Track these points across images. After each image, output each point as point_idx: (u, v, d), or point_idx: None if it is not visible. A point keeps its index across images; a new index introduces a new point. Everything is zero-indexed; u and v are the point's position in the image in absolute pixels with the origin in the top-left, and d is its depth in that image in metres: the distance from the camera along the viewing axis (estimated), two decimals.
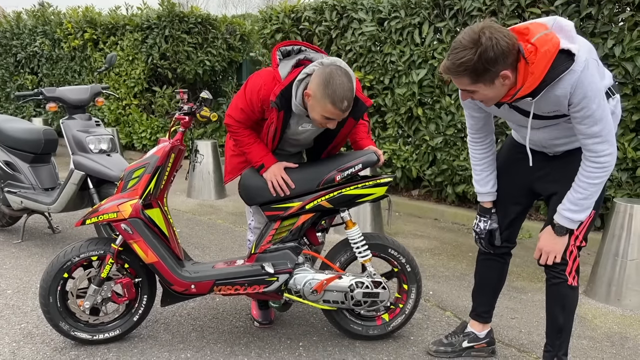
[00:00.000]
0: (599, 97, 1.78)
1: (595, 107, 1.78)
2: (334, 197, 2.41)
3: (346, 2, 5.29)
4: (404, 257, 2.57)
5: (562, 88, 1.78)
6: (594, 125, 1.81)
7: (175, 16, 7.21)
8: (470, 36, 1.72)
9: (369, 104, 2.36)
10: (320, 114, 2.16)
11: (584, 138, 1.87)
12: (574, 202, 1.96)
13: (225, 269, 2.43)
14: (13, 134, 3.89)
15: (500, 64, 1.73)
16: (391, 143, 5.23)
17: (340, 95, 2.08)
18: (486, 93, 1.84)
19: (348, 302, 2.46)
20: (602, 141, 1.84)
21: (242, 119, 2.36)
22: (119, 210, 2.33)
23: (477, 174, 2.32)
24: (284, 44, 2.33)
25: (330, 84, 2.07)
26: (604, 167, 1.87)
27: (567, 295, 2.11)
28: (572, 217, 1.98)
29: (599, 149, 1.85)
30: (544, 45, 1.73)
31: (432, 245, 4.24)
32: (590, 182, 1.91)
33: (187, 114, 2.45)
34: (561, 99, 1.81)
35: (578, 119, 1.83)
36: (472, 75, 1.76)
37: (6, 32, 9.70)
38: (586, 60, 1.75)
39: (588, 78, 1.75)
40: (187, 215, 4.99)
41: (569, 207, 1.98)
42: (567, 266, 2.08)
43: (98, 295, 2.41)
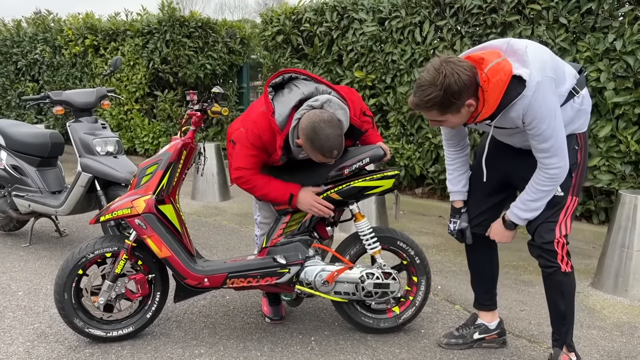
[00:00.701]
0: (550, 117, 1.92)
1: (544, 127, 1.93)
2: (343, 190, 2.44)
3: (347, 3, 5.33)
4: (413, 249, 2.60)
5: (515, 111, 1.95)
6: (543, 142, 1.97)
7: (175, 21, 7.25)
8: (433, 75, 1.87)
9: (364, 128, 2.41)
10: (314, 158, 2.22)
11: (535, 152, 2.03)
12: (524, 202, 2.13)
13: (237, 262, 2.46)
14: (20, 138, 3.92)
15: (464, 95, 1.89)
16: (394, 141, 5.26)
17: (327, 149, 2.12)
18: (454, 120, 2.01)
19: (359, 293, 2.48)
20: (551, 156, 1.99)
21: (253, 165, 2.34)
22: (133, 205, 2.35)
23: (449, 173, 2.44)
24: (274, 78, 2.27)
25: (315, 139, 2.10)
26: (553, 178, 2.04)
27: (563, 282, 2.17)
28: (520, 215, 2.15)
29: (547, 162, 2.01)
30: (495, 75, 1.89)
31: (437, 242, 4.26)
32: (539, 189, 2.07)
33: (198, 110, 2.48)
34: (515, 120, 1.98)
35: (530, 135, 2.00)
36: (440, 108, 1.93)
37: (6, 40, 9.74)
38: (537, 84, 1.89)
39: (538, 100, 1.90)
40: (193, 217, 5.01)
41: (518, 206, 2.15)
42: (558, 254, 2.14)
43: (112, 291, 2.42)
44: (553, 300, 2.22)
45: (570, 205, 2.14)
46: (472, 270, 2.57)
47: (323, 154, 2.14)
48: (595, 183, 4.07)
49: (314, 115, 2.12)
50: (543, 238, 2.13)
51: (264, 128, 2.26)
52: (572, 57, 4.03)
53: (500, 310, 2.92)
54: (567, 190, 2.13)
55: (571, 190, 2.14)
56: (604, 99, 3.94)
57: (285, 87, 2.29)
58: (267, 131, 2.26)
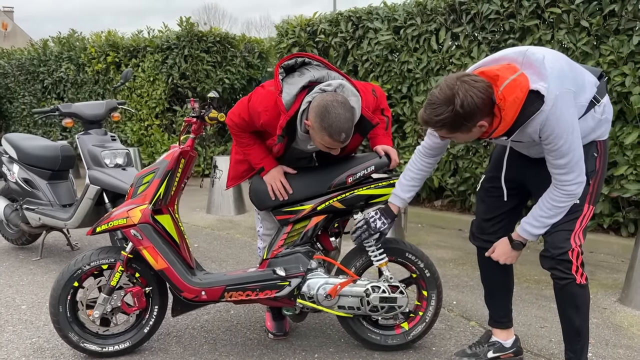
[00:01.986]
0: (567, 132, 1.81)
1: (562, 143, 1.83)
2: (346, 198, 2.33)
3: (361, 12, 5.26)
4: (423, 261, 2.46)
5: (532, 126, 1.86)
6: (560, 158, 1.87)
7: (194, 36, 7.30)
8: (446, 94, 1.78)
9: (374, 122, 2.27)
10: (320, 143, 2.12)
11: (551, 167, 1.92)
12: (537, 219, 2.01)
13: (236, 274, 2.36)
14: (31, 151, 3.93)
15: (476, 117, 1.81)
16: (411, 152, 5.12)
17: (336, 129, 2.02)
18: (463, 138, 1.94)
19: (364, 308, 2.35)
20: (568, 172, 1.88)
21: (242, 126, 2.32)
22: (129, 216, 2.29)
23: (406, 179, 2.29)
24: (286, 59, 2.20)
25: (326, 117, 2.01)
26: (569, 195, 1.93)
27: (578, 295, 2.01)
28: (532, 232, 2.03)
29: (564, 179, 1.90)
30: (512, 93, 1.79)
31: (455, 256, 4.09)
32: (554, 205, 1.96)
33: (195, 117, 2.41)
34: (532, 134, 1.89)
35: (546, 150, 1.90)
36: (450, 128, 1.85)
37: (34, 59, 9.98)
38: (555, 97, 1.79)
39: (556, 115, 1.80)
40: (206, 230, 4.95)
41: (531, 222, 2.02)
42: (573, 265, 1.98)
43: (108, 304, 2.35)
44: (567, 315, 2.07)
45: (586, 215, 2.01)
46: (485, 285, 2.43)
47: (330, 135, 2.03)
48: (622, 193, 3.85)
49: (328, 95, 2.06)
50: (557, 247, 1.98)
51: (267, 106, 2.17)
52: (595, 61, 3.85)
53: (519, 326, 2.75)
54: (584, 198, 1.99)
55: (588, 198, 2.00)
56: (630, 105, 3.74)
57: (297, 70, 2.22)
58: (270, 110, 2.17)
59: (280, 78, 2.17)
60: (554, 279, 2.04)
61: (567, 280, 2.00)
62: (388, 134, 2.51)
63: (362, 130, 2.27)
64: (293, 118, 2.14)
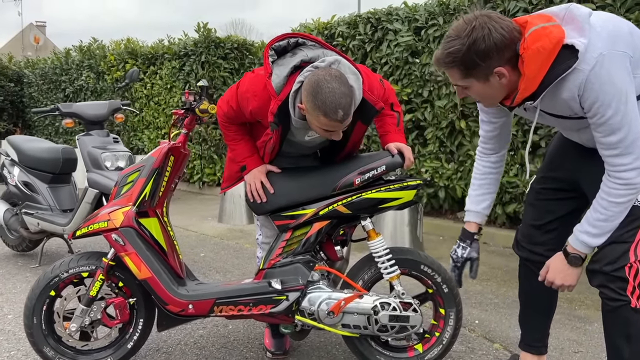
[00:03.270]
0: (618, 101, 1.47)
1: (610, 114, 1.48)
2: (352, 202, 2.06)
3: (381, 14, 5.02)
4: (440, 275, 2.18)
5: (567, 90, 1.52)
6: (611, 134, 1.52)
7: (211, 42, 7.17)
8: (462, 25, 1.52)
9: (378, 106, 1.99)
10: (318, 127, 1.85)
11: (602, 149, 1.57)
12: (593, 223, 1.62)
13: (227, 286, 2.11)
14: (32, 153, 3.77)
15: (493, 58, 1.51)
16: (432, 160, 4.83)
17: (331, 106, 1.75)
18: (480, 91, 1.61)
19: (372, 327, 2.07)
20: (623, 153, 1.52)
21: (231, 117, 2.10)
22: (110, 218, 2.07)
23: (473, 189, 2.03)
24: (277, 39, 1.95)
25: (318, 94, 1.75)
26: (628, 184, 1.54)
27: (632, 322, 1.63)
28: (588, 242, 1.64)
29: (617, 162, 1.54)
30: (536, 41, 1.48)
31: (479, 271, 3.76)
32: (612, 201, 1.57)
33: (185, 109, 2.19)
34: (570, 102, 1.55)
35: (593, 125, 1.55)
36: (462, 68, 1.56)
37: (56, 68, 10.03)
38: (600, 56, 1.45)
39: (601, 78, 1.46)
40: (215, 239, 4.72)
41: (586, 230, 1.64)
42: (629, 284, 1.62)
43: (86, 316, 2.12)
44: (614, 344, 1.69)
45: None
46: (522, 301, 2.09)
47: (326, 114, 1.76)
48: None
49: (321, 71, 1.80)
50: (611, 261, 1.63)
51: (256, 91, 1.94)
52: None
53: (549, 350, 2.42)
54: None
55: None
56: None
57: (289, 52, 1.97)
58: (260, 94, 1.93)
59: (270, 61, 1.93)
60: (604, 299, 1.69)
61: (619, 302, 1.63)
62: (400, 130, 2.24)
63: (364, 117, 2.00)
64: (285, 102, 1.88)
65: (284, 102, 1.88)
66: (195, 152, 7.61)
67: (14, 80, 11.23)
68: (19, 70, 11.38)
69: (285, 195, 2.11)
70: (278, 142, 2.03)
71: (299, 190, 2.10)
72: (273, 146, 2.05)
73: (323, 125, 1.82)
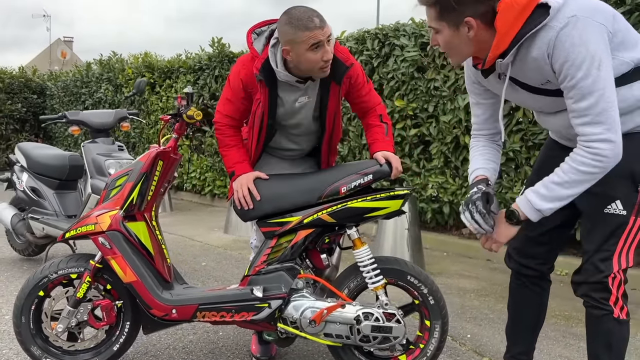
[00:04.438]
0: (589, 64, 1.42)
1: (580, 76, 1.43)
2: (337, 211, 2.07)
3: (388, 30, 5.06)
4: (426, 286, 2.16)
5: (537, 48, 1.49)
6: (580, 100, 1.46)
7: (225, 56, 7.28)
8: None
9: (349, 63, 2.12)
10: (305, 49, 1.94)
11: (572, 116, 1.51)
12: (546, 184, 1.56)
13: (211, 292, 2.13)
14: (40, 160, 3.87)
15: (467, 5, 1.51)
16: (437, 175, 4.81)
17: (305, 16, 1.92)
18: (448, 39, 1.60)
19: (354, 337, 2.06)
20: (592, 122, 1.46)
21: (230, 112, 2.17)
22: (97, 222, 2.11)
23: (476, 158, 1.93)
24: (257, 26, 2.16)
25: (291, 18, 1.94)
26: (597, 154, 1.47)
27: (614, 332, 1.63)
28: (534, 202, 1.57)
29: (587, 130, 1.48)
30: None
31: (479, 286, 3.72)
32: (574, 167, 1.51)
33: (172, 115, 2.24)
34: (541, 63, 1.51)
35: (565, 90, 1.50)
36: (438, 8, 1.56)
37: (77, 81, 10.29)
38: (574, 18, 1.43)
39: (572, 38, 1.43)
40: (218, 250, 4.75)
41: (537, 189, 1.57)
42: (612, 295, 1.61)
43: (73, 317, 2.15)
44: (595, 353, 1.70)
45: (634, 229, 1.61)
46: (511, 314, 2.06)
47: (306, 27, 1.90)
48: None
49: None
50: (594, 270, 1.63)
51: (244, 61, 2.12)
52: None
53: None
54: (631, 208, 1.59)
55: (636, 209, 1.59)
56: None
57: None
58: (247, 64, 2.09)
59: (252, 40, 2.12)
60: (587, 308, 1.69)
61: (602, 311, 1.64)
62: (389, 140, 2.26)
63: (336, 75, 2.11)
64: (267, 60, 2.03)
65: (267, 59, 2.03)
66: (207, 165, 7.70)
67: (37, 92, 11.56)
68: (42, 82, 11.70)
69: (271, 202, 2.13)
70: (267, 105, 2.10)
71: (285, 197, 2.12)
72: (262, 114, 2.12)
73: (308, 43, 1.92)
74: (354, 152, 5.56)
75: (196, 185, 7.99)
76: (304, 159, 2.44)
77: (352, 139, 5.50)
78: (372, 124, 2.29)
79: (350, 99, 2.29)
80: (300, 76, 2.07)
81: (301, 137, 2.32)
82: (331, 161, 2.45)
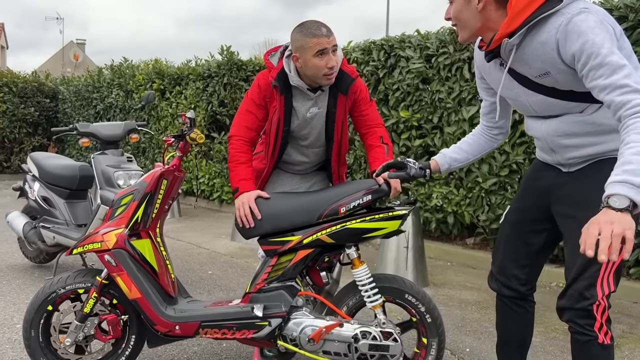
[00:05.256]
0: (609, 42, 1.43)
1: (606, 52, 1.41)
2: (336, 231, 2.13)
3: (394, 41, 5.11)
4: (424, 305, 2.21)
5: (546, 32, 1.51)
6: (613, 74, 1.41)
7: (233, 64, 7.37)
8: None
9: (354, 75, 2.31)
10: (312, 55, 2.13)
11: (606, 93, 1.42)
12: (628, 159, 1.32)
13: (213, 309, 2.19)
14: (51, 170, 3.97)
15: None
16: (441, 186, 4.85)
17: (314, 26, 2.14)
18: (459, 7, 1.66)
19: (352, 355, 2.12)
20: (630, 90, 1.38)
21: (248, 122, 2.31)
22: (104, 240, 2.18)
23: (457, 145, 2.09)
24: (272, 50, 2.37)
25: (302, 27, 2.16)
26: None
27: (599, 357, 1.68)
28: (631, 180, 1.28)
29: (629, 98, 1.38)
30: None
31: (481, 298, 3.76)
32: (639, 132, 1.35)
33: (176, 137, 2.31)
34: (546, 48, 1.52)
35: (591, 73, 1.44)
36: None
37: (89, 86, 10.44)
38: (587, 10, 1.47)
39: (588, 22, 1.44)
40: (225, 258, 4.83)
41: (622, 169, 1.31)
42: (596, 321, 1.66)
43: (80, 331, 2.23)
44: None
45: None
46: (498, 334, 2.11)
47: (313, 35, 2.11)
48: None
49: None
50: (578, 298, 1.67)
51: (262, 74, 2.30)
52: None
53: None
54: None
55: None
56: None
57: None
58: (265, 75, 2.28)
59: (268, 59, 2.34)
60: (572, 333, 1.73)
61: (587, 337, 1.68)
62: (389, 159, 2.31)
63: (342, 85, 2.29)
64: (283, 71, 2.23)
65: (282, 69, 2.23)
66: (216, 171, 7.79)
67: (50, 96, 11.74)
68: (55, 87, 11.88)
69: (270, 222, 2.18)
70: (283, 113, 2.28)
71: (284, 217, 2.18)
72: (278, 120, 2.27)
73: (314, 50, 2.11)
74: (360, 161, 5.62)
75: (204, 191, 8.09)
76: (314, 173, 2.54)
77: (358, 148, 5.55)
78: (374, 144, 2.39)
79: (354, 113, 2.42)
80: (310, 85, 2.24)
81: (310, 149, 2.42)
82: (341, 172, 2.55)
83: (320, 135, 2.39)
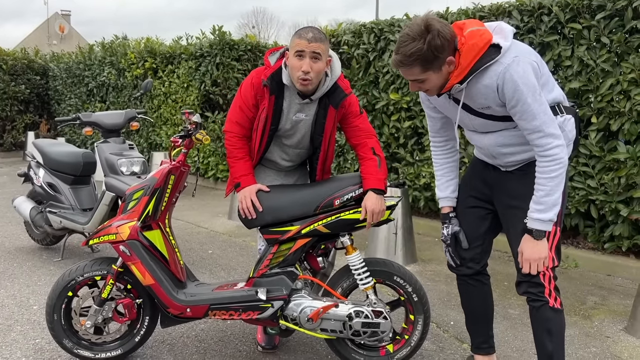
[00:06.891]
0: (533, 92, 1.83)
1: (530, 101, 1.83)
2: (331, 222, 2.34)
3: (383, 24, 5.24)
4: (411, 285, 2.45)
5: (488, 78, 1.87)
6: (533, 120, 1.85)
7: (225, 44, 7.45)
8: (418, 28, 1.82)
9: (348, 91, 2.42)
10: (293, 54, 2.24)
11: (528, 133, 1.90)
12: (538, 201, 1.93)
13: (220, 292, 2.41)
14: (55, 157, 4.13)
15: (446, 50, 1.84)
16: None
17: (305, 30, 2.25)
18: (435, 81, 1.92)
19: (347, 332, 2.36)
20: (545, 135, 1.86)
21: (240, 119, 2.43)
22: (118, 232, 2.38)
23: (437, 178, 2.38)
24: (273, 50, 2.47)
25: (299, 29, 2.28)
26: (555, 159, 1.87)
27: (551, 319, 2.03)
28: (541, 217, 1.93)
29: (543, 142, 1.87)
30: (472, 38, 1.85)
31: None
32: (547, 177, 1.90)
33: (183, 136, 2.48)
34: (489, 90, 1.89)
35: (517, 115, 1.87)
36: (423, 63, 1.85)
37: (80, 63, 10.44)
38: (517, 58, 1.83)
39: (518, 73, 1.82)
40: (223, 237, 5.05)
41: (535, 208, 1.95)
42: (545, 288, 2.01)
43: (99, 315, 2.45)
44: (540, 339, 2.08)
45: (554, 236, 2.01)
46: (465, 312, 2.42)
47: (300, 36, 2.22)
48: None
49: None
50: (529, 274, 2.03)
51: (256, 72, 2.40)
52: (615, 79, 3.71)
53: (512, 352, 2.70)
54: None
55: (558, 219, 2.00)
56: None
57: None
58: (260, 72, 2.38)
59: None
60: (528, 302, 2.09)
61: (540, 302, 2.03)
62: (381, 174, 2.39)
63: (334, 99, 2.39)
64: (278, 72, 2.33)
65: (277, 70, 2.34)
66: (210, 149, 7.95)
67: (40, 73, 11.72)
68: (45, 63, 11.85)
69: (271, 213, 2.39)
70: (271, 112, 2.38)
71: (284, 209, 2.38)
72: (266, 118, 2.38)
73: (295, 49, 2.22)
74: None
75: (199, 169, 8.26)
76: (296, 169, 2.69)
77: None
78: (365, 156, 2.43)
79: (344, 124, 2.50)
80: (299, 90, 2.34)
81: (294, 149, 2.56)
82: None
83: (305, 138, 2.51)
